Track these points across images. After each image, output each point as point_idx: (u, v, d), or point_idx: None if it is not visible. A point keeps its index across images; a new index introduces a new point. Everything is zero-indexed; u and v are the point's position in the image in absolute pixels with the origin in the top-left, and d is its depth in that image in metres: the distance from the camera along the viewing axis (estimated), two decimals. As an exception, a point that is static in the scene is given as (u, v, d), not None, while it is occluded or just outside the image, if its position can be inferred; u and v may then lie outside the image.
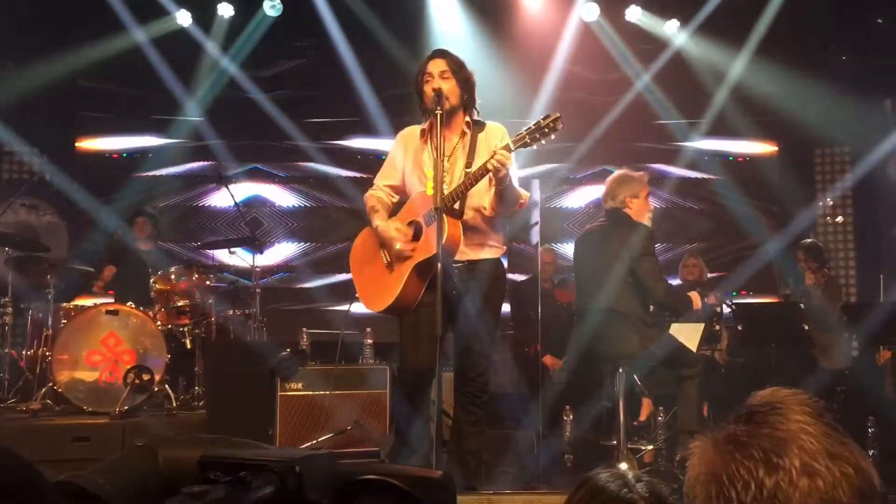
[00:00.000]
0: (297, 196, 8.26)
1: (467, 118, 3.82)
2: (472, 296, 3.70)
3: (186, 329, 5.60)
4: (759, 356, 5.74)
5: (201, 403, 5.36)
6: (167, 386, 5.24)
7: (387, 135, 7.09)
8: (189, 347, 5.56)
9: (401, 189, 3.97)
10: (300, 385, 4.71)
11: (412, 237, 3.77)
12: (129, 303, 5.40)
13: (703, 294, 5.95)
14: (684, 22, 7.18)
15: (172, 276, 5.64)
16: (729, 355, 6.19)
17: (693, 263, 6.72)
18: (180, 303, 5.60)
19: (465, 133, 3.80)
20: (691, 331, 4.50)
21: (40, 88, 6.95)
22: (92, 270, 6.12)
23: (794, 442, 0.95)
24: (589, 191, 8.17)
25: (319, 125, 7.93)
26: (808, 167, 8.23)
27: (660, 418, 4.88)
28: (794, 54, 7.07)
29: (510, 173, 3.56)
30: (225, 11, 7.09)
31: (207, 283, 5.75)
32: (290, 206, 8.26)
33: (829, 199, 8.18)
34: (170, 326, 5.55)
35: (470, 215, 3.74)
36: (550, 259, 6.96)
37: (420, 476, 0.97)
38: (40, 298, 5.60)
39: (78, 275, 5.98)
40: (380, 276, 3.84)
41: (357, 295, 4.00)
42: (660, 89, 7.59)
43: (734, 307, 6.18)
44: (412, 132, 3.96)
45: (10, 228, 6.79)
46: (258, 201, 8.15)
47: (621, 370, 4.40)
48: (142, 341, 5.25)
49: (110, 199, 7.39)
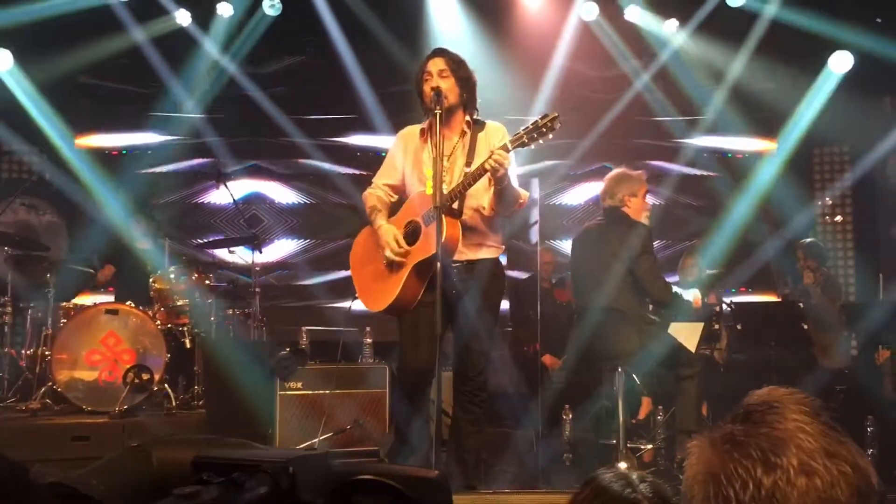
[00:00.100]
0: (297, 193, 8.25)
1: (467, 117, 3.81)
2: (472, 295, 3.70)
3: (186, 328, 5.60)
4: (759, 355, 5.74)
5: (201, 403, 5.36)
6: (167, 385, 5.25)
7: (386, 132, 7.08)
8: (188, 347, 5.56)
9: (400, 188, 3.97)
10: (300, 384, 4.72)
11: (412, 237, 3.76)
12: (129, 302, 5.40)
13: (704, 293, 5.96)
14: (683, 21, 7.17)
15: (172, 276, 5.64)
16: (728, 355, 6.19)
17: (691, 264, 6.72)
18: (179, 302, 5.60)
19: (466, 133, 3.79)
20: (690, 330, 4.49)
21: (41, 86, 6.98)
22: (91, 271, 6.11)
23: (792, 441, 0.95)
24: (588, 187, 8.15)
25: (319, 122, 7.92)
26: (807, 166, 8.22)
27: (658, 417, 4.88)
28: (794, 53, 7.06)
29: (509, 173, 3.56)
30: (224, 11, 7.08)
31: (207, 283, 5.75)
32: (290, 203, 8.25)
33: (828, 199, 8.18)
34: (169, 326, 5.55)
35: (469, 215, 3.73)
36: (549, 259, 6.96)
37: (416, 476, 0.97)
38: (40, 298, 5.61)
39: (77, 274, 5.97)
40: (379, 276, 3.83)
41: (356, 294, 4.00)
42: (659, 87, 7.58)
43: (733, 306, 6.18)
44: (412, 131, 3.95)
45: (10, 228, 6.79)
46: (258, 198, 8.14)
47: (620, 369, 4.39)
48: (141, 341, 5.25)
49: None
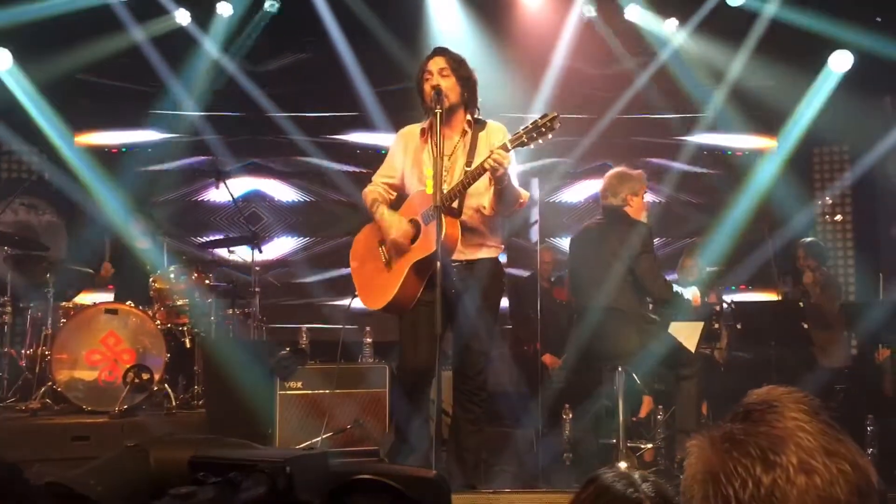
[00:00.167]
0: (297, 191, 8.24)
1: (468, 117, 3.80)
2: (471, 294, 3.70)
3: (186, 328, 5.59)
4: (759, 355, 5.74)
5: (201, 403, 5.35)
6: (167, 385, 5.25)
7: (386, 130, 7.09)
8: (188, 346, 5.56)
9: (399, 187, 3.96)
10: (300, 384, 4.72)
11: (411, 237, 3.76)
12: (129, 302, 5.40)
13: (704, 292, 5.95)
14: (683, 20, 7.16)
15: (171, 275, 5.64)
16: (728, 354, 6.19)
17: (691, 265, 6.71)
18: (179, 302, 5.60)
19: (466, 132, 3.78)
20: (690, 330, 4.48)
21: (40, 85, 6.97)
22: (91, 271, 6.11)
23: (791, 439, 0.95)
24: (588, 185, 8.12)
25: (318, 120, 7.92)
26: (807, 166, 8.22)
27: (658, 417, 4.88)
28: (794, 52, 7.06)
29: (509, 173, 3.55)
30: (224, 10, 7.08)
31: (207, 282, 5.75)
32: (290, 201, 8.24)
33: (828, 198, 8.18)
34: (169, 325, 5.54)
35: (469, 215, 3.73)
36: (549, 258, 6.95)
37: (414, 476, 0.97)
38: (39, 298, 5.61)
39: (76, 274, 5.97)
40: (378, 275, 3.83)
41: (356, 293, 4.00)
42: (659, 85, 7.57)
43: (733, 305, 6.17)
44: (412, 131, 3.95)
45: (10, 228, 6.79)
46: (257, 196, 8.13)
47: (620, 369, 4.39)
48: (141, 340, 5.25)
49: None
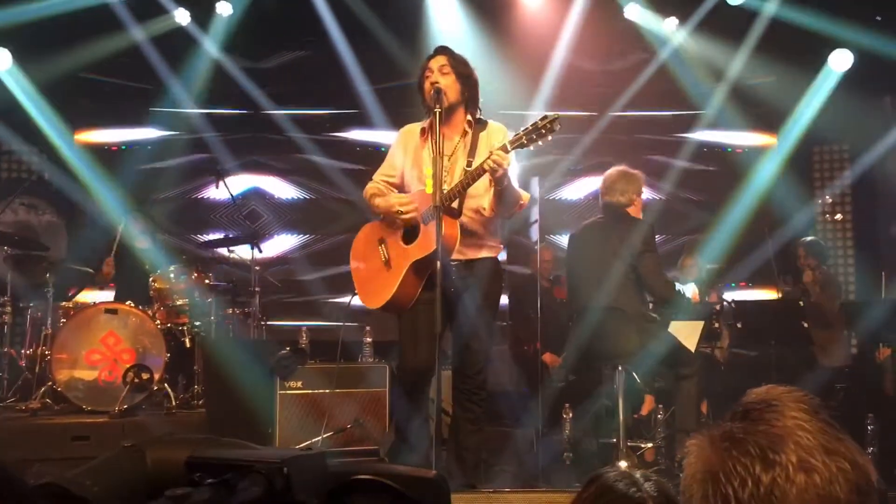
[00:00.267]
0: (296, 188, 8.24)
1: (469, 116, 3.79)
2: (471, 294, 3.69)
3: (186, 328, 5.59)
4: (759, 354, 5.74)
5: (200, 402, 5.35)
6: (166, 385, 5.24)
7: (385, 127, 7.08)
8: (188, 346, 5.55)
9: (399, 186, 3.95)
10: (300, 384, 4.71)
11: (410, 235, 3.76)
12: (129, 302, 5.40)
13: (704, 291, 5.95)
14: (683, 19, 7.16)
15: (171, 275, 5.64)
16: (729, 353, 6.19)
17: (691, 264, 6.71)
18: (179, 301, 5.59)
19: (467, 132, 3.78)
20: (690, 329, 4.48)
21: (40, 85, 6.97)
22: (90, 271, 6.11)
23: (791, 438, 0.95)
24: (588, 182, 8.10)
25: (318, 117, 7.91)
26: (807, 165, 8.22)
27: (659, 416, 4.88)
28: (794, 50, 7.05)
29: (509, 174, 3.55)
30: (223, 10, 7.08)
31: (206, 282, 5.74)
32: (289, 199, 8.24)
33: (828, 197, 8.18)
34: (169, 325, 5.54)
35: (469, 216, 3.72)
36: (549, 257, 6.95)
37: (414, 476, 0.97)
38: (39, 297, 5.60)
39: (76, 274, 5.97)
40: (377, 274, 3.83)
41: (355, 291, 4.00)
42: (659, 83, 7.57)
43: (734, 304, 6.17)
44: (412, 130, 3.94)
45: (10, 228, 6.78)
46: (256, 193, 8.12)
47: (620, 368, 4.39)
48: (141, 340, 5.24)
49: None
